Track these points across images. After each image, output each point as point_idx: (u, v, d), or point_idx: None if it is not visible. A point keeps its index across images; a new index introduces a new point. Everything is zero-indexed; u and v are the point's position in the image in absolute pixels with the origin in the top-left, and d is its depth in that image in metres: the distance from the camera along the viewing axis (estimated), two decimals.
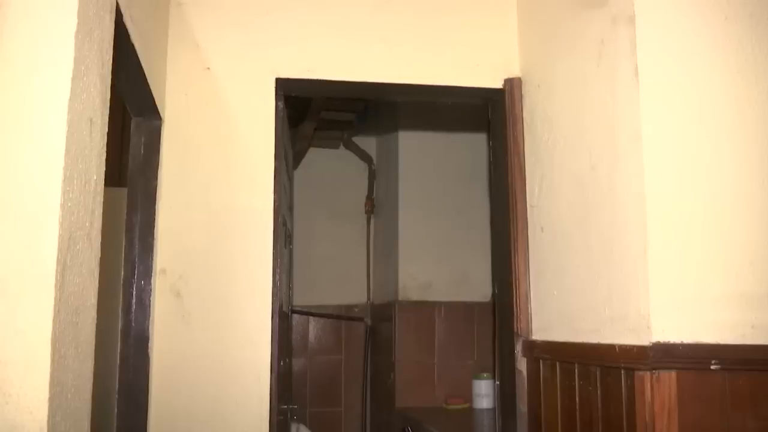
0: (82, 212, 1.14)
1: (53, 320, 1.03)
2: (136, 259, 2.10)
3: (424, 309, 3.85)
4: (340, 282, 4.48)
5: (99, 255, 1.26)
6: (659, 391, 1.54)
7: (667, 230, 1.61)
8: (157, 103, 2.09)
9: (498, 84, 2.40)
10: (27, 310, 1.02)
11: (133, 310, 2.08)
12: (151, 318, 2.10)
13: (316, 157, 4.55)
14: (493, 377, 2.68)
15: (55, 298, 1.03)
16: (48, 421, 1.02)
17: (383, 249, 4.29)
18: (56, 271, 1.03)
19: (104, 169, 1.29)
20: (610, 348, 1.69)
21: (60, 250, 1.05)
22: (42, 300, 1.02)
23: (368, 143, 4.60)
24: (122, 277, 2.09)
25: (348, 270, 4.51)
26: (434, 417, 3.36)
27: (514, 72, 2.40)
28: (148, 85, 1.93)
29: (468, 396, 3.66)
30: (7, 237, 1.03)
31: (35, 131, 1.05)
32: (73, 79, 1.08)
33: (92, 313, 1.23)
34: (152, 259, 2.12)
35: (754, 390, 1.57)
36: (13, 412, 1.00)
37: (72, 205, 1.09)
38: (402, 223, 3.93)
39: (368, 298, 4.48)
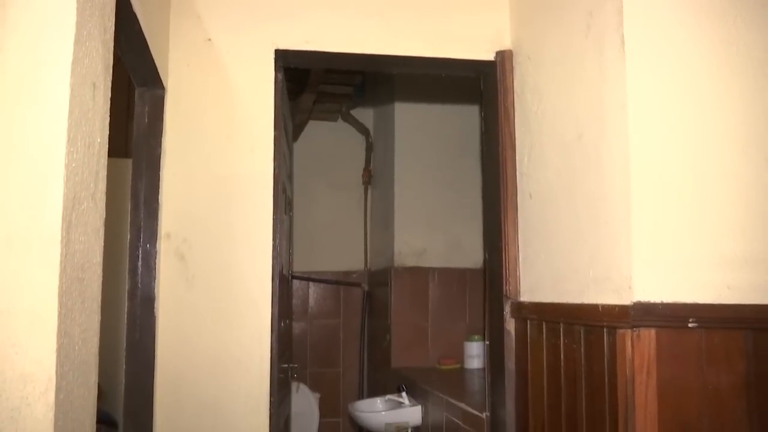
0: (86, 173, 1.14)
1: (59, 275, 1.03)
2: (142, 224, 2.10)
3: (419, 274, 3.87)
4: (339, 249, 4.50)
5: (104, 215, 1.25)
6: (639, 348, 1.55)
7: (650, 196, 1.61)
8: (160, 73, 2.07)
9: (490, 56, 2.38)
10: (34, 265, 1.02)
11: (139, 272, 2.08)
12: (156, 280, 2.10)
13: (315, 130, 4.54)
14: (484, 339, 2.70)
15: (61, 255, 1.03)
16: (56, 370, 1.02)
17: (380, 217, 4.29)
18: (62, 228, 1.03)
19: (108, 133, 1.27)
20: (593, 308, 1.70)
21: (65, 208, 1.04)
22: (48, 256, 1.02)
23: (366, 116, 4.58)
24: (128, 240, 2.09)
25: (346, 238, 4.52)
26: (428, 376, 3.40)
27: (506, 45, 2.37)
28: (151, 55, 1.91)
29: (460, 357, 3.69)
30: (13, 196, 1.02)
31: (39, 93, 1.04)
32: (76, 43, 1.07)
33: (98, 271, 1.23)
34: (157, 224, 2.11)
35: (728, 346, 1.58)
36: (22, 362, 1.01)
37: (76, 166, 1.09)
38: (398, 193, 3.93)
39: (365, 265, 4.50)
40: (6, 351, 1.00)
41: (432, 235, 3.91)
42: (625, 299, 1.58)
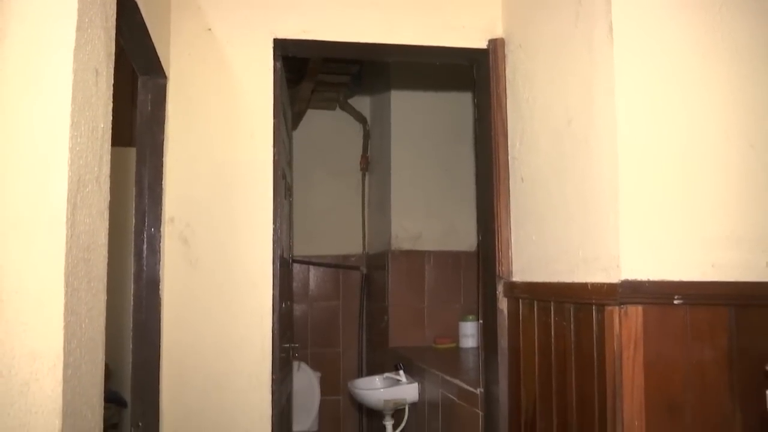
0: (90, 157, 1.13)
1: (65, 256, 1.03)
2: (146, 209, 2.09)
3: (415, 258, 3.87)
4: (338, 234, 4.50)
5: (108, 198, 1.25)
6: (627, 324, 1.55)
7: (637, 179, 1.61)
8: (162, 62, 2.06)
9: (482, 44, 2.37)
10: (40, 246, 1.02)
11: (144, 256, 2.08)
12: (161, 262, 2.10)
13: (314, 118, 4.52)
14: (478, 318, 2.70)
15: (67, 236, 1.03)
16: (64, 347, 1.02)
17: (377, 203, 4.29)
18: (67, 210, 1.03)
19: (111, 119, 1.27)
20: (582, 286, 1.71)
21: (70, 190, 1.04)
22: (54, 237, 1.02)
23: (363, 105, 4.57)
24: (133, 225, 2.09)
25: (345, 223, 4.53)
26: (424, 355, 3.41)
27: (498, 33, 2.36)
28: (153, 45, 1.89)
29: (455, 336, 3.71)
30: (20, 178, 1.02)
31: (43, 79, 1.04)
32: (78, 29, 1.06)
33: (103, 252, 1.23)
34: (161, 209, 2.11)
35: (712, 322, 1.59)
36: (30, 339, 1.01)
37: (80, 150, 1.08)
38: (394, 179, 3.93)
39: (363, 249, 4.50)
40: (15, 328, 1.01)
41: (428, 219, 3.92)
42: (613, 277, 1.58)
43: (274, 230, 2.23)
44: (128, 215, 2.14)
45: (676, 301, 1.57)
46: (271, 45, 2.28)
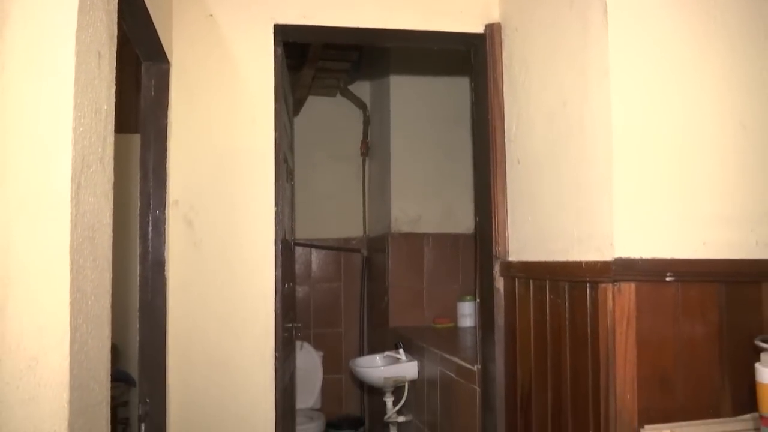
0: (93, 138, 1.13)
1: (70, 234, 1.03)
2: (151, 192, 2.09)
3: (414, 240, 3.87)
4: (339, 217, 4.50)
5: (112, 179, 1.24)
6: (620, 301, 1.55)
7: (631, 159, 1.60)
8: (164, 48, 2.04)
9: (479, 29, 2.35)
10: (45, 224, 1.01)
11: (149, 237, 2.08)
12: (166, 244, 2.10)
13: (315, 105, 4.50)
14: (475, 299, 2.71)
15: (71, 214, 1.03)
16: (70, 323, 1.03)
17: (377, 187, 4.28)
18: (71, 189, 1.02)
19: (114, 101, 1.26)
20: (577, 264, 1.71)
21: (74, 170, 1.04)
22: (59, 216, 1.02)
23: (363, 91, 4.54)
24: (138, 207, 2.08)
25: (346, 207, 4.52)
26: (423, 334, 3.42)
27: (495, 18, 2.34)
28: (155, 30, 1.88)
29: (453, 316, 3.72)
30: (25, 159, 1.02)
31: (45, 61, 1.03)
32: (80, 11, 1.05)
33: (108, 232, 1.23)
34: (165, 192, 2.11)
35: (702, 299, 1.59)
36: (38, 314, 1.01)
37: (84, 131, 1.08)
38: (394, 164, 3.92)
39: (364, 231, 4.50)
40: (23, 304, 1.01)
41: (426, 202, 3.91)
42: (607, 256, 1.58)
43: (276, 212, 2.23)
44: (134, 199, 2.14)
45: (668, 278, 1.57)
46: (271, 31, 2.27)
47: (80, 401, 1.07)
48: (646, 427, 1.41)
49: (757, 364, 1.20)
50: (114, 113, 1.26)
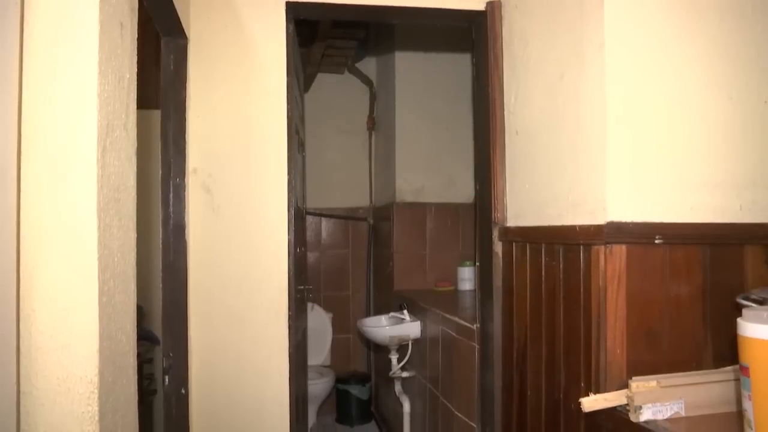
0: (117, 104, 1.12)
1: (97, 194, 1.02)
2: (171, 161, 2.08)
3: (418, 209, 3.87)
4: (347, 188, 4.49)
5: (135, 145, 1.24)
6: (611, 262, 1.55)
7: (623, 128, 1.58)
8: (182, 24, 2.02)
9: (481, 6, 2.31)
10: (74, 184, 1.01)
11: (171, 203, 2.08)
12: (186, 209, 2.10)
13: (324, 82, 4.46)
14: (474, 263, 2.71)
15: (98, 175, 1.02)
16: (98, 277, 1.03)
17: (383, 159, 4.26)
18: (97, 151, 1.02)
19: (136, 70, 1.25)
20: (571, 228, 1.70)
21: (99, 134, 1.03)
22: (86, 176, 1.02)
23: (369, 68, 4.49)
24: (160, 175, 2.08)
25: (353, 178, 4.51)
26: (425, 297, 3.43)
27: None
28: (174, 7, 1.85)
29: (453, 280, 3.73)
30: (52, 123, 1.01)
31: (71, 30, 1.02)
32: None
33: (132, 194, 1.23)
34: (184, 160, 2.10)
35: (688, 261, 1.59)
36: (68, 269, 1.01)
37: (108, 97, 1.07)
38: (398, 137, 3.89)
39: (370, 201, 4.50)
40: (55, 261, 1.01)
41: (429, 173, 3.89)
42: (600, 219, 1.57)
43: (289, 180, 2.22)
44: (156, 170, 2.13)
45: (657, 241, 1.56)
46: (283, 8, 2.24)
47: (109, 350, 1.08)
48: (634, 378, 1.41)
49: (738, 319, 1.20)
50: (136, 84, 1.25)
